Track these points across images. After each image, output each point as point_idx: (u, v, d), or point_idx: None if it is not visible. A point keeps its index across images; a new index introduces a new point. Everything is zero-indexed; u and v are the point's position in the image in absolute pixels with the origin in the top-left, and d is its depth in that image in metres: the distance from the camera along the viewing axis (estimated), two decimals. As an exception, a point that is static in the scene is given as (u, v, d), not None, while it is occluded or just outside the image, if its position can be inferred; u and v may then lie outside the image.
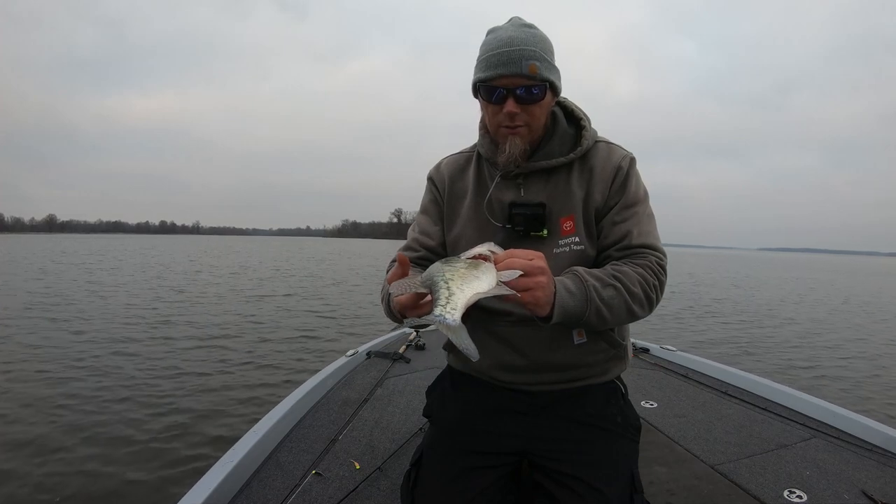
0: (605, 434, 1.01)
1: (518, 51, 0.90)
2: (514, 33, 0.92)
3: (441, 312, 0.67)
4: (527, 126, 0.96)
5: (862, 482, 1.47)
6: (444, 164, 1.15)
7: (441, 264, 0.74)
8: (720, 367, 2.55)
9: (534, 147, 1.01)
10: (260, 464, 1.52)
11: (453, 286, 0.70)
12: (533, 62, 0.90)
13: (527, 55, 0.90)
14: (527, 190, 1.01)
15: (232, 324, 7.58)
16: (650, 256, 0.94)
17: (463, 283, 0.70)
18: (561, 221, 0.99)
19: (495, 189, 1.03)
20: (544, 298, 0.77)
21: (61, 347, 5.71)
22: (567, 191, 0.99)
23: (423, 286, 0.73)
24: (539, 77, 0.91)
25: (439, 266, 0.74)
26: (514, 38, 0.92)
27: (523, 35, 0.92)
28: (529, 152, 1.00)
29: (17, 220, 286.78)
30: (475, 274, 0.72)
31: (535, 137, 0.99)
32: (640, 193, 1.01)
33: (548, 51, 0.94)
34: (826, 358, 6.46)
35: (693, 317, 9.70)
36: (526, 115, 0.95)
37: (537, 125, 0.97)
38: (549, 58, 0.94)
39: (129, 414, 3.67)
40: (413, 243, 1.12)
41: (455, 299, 0.68)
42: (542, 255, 0.78)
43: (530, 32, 0.93)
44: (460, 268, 0.73)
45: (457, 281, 0.70)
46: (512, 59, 0.90)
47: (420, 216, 1.16)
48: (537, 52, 0.91)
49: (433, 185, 1.15)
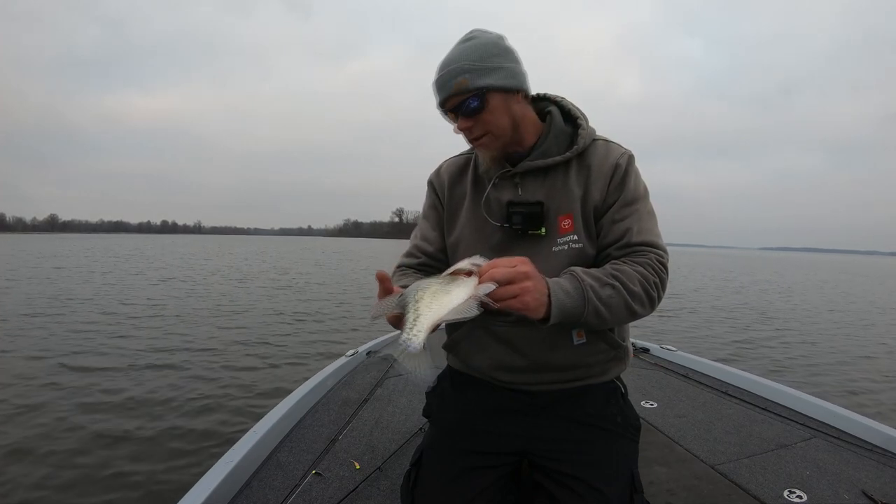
0: (605, 434, 1.01)
1: (448, 72, 0.93)
2: (450, 54, 0.94)
3: (406, 338, 0.67)
4: (488, 135, 0.97)
5: (862, 482, 1.47)
6: (445, 167, 1.16)
7: (416, 284, 0.74)
8: (720, 367, 2.55)
9: (526, 147, 1.01)
10: (260, 464, 1.52)
11: (421, 306, 0.69)
12: (461, 77, 0.92)
13: (455, 72, 0.92)
14: (524, 189, 1.01)
15: (232, 323, 7.58)
16: (650, 254, 0.93)
17: (432, 302, 0.70)
18: (559, 219, 0.99)
19: (493, 189, 1.03)
20: (534, 302, 0.77)
21: (61, 347, 5.72)
22: (565, 189, 0.99)
23: (398, 307, 0.73)
24: (470, 89, 0.92)
25: (413, 286, 0.74)
26: (448, 59, 0.94)
27: (456, 53, 0.94)
28: (527, 151, 1.01)
29: (18, 219, 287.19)
30: (447, 289, 0.72)
31: (506, 142, 0.99)
32: (640, 191, 1.00)
33: (483, 57, 0.93)
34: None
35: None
36: (480, 126, 0.96)
37: (499, 131, 0.97)
38: (484, 63, 0.92)
39: (129, 413, 3.67)
40: (414, 249, 1.14)
41: (421, 321, 0.68)
42: (525, 260, 0.79)
43: (466, 46, 0.94)
44: (433, 286, 0.72)
45: (426, 300, 0.70)
46: (445, 82, 0.93)
47: (421, 221, 1.18)
48: (465, 64, 0.92)
49: (433, 190, 1.16)
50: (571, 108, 1.05)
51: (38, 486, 2.64)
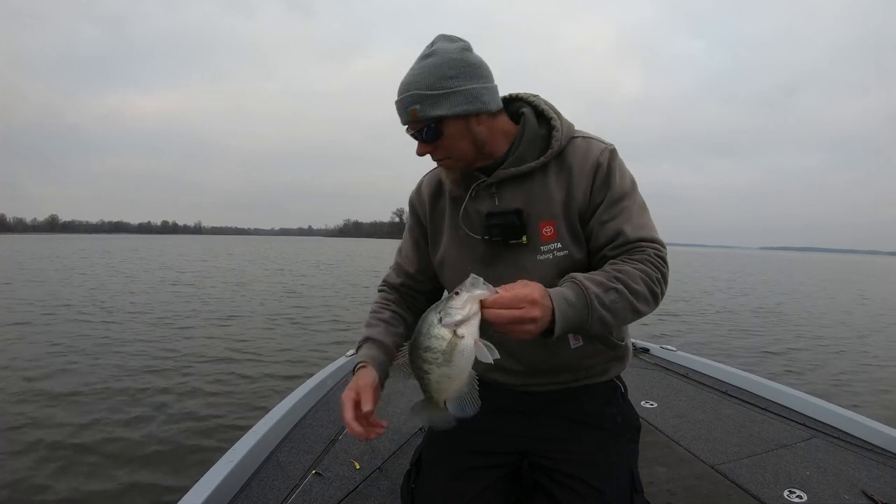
0: (604, 434, 1.01)
1: (402, 100, 0.91)
2: (407, 75, 0.91)
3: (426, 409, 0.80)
4: (449, 158, 0.95)
5: (862, 482, 1.47)
6: (425, 183, 1.13)
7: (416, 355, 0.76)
8: (720, 367, 2.55)
9: (500, 156, 0.97)
10: (260, 464, 1.52)
11: (432, 387, 0.77)
12: (412, 107, 0.89)
13: (407, 101, 0.90)
14: (501, 198, 0.97)
15: (232, 324, 7.59)
16: (648, 249, 0.90)
17: (440, 383, 0.76)
18: (541, 227, 0.95)
19: (471, 201, 1.00)
20: (538, 329, 0.76)
21: (59, 345, 5.72)
22: (545, 194, 0.96)
23: (406, 376, 0.80)
24: (422, 119, 0.90)
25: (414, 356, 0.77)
26: (404, 82, 0.91)
27: (411, 76, 0.90)
28: (502, 159, 0.97)
29: (19, 220, 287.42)
30: (449, 368, 0.75)
31: (469, 163, 0.96)
32: (626, 185, 0.95)
33: (437, 81, 0.88)
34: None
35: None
36: (441, 152, 0.94)
37: (460, 154, 0.94)
38: (438, 89, 0.88)
39: (129, 414, 3.67)
40: (396, 267, 1.17)
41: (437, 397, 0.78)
42: (527, 290, 0.75)
43: (422, 67, 0.90)
44: (438, 367, 0.75)
45: (432, 386, 0.77)
46: (402, 108, 0.92)
47: (405, 235, 1.18)
48: (417, 94, 0.89)
49: (413, 211, 1.14)
50: (545, 108, 1.00)
51: (36, 487, 2.65)
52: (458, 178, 0.99)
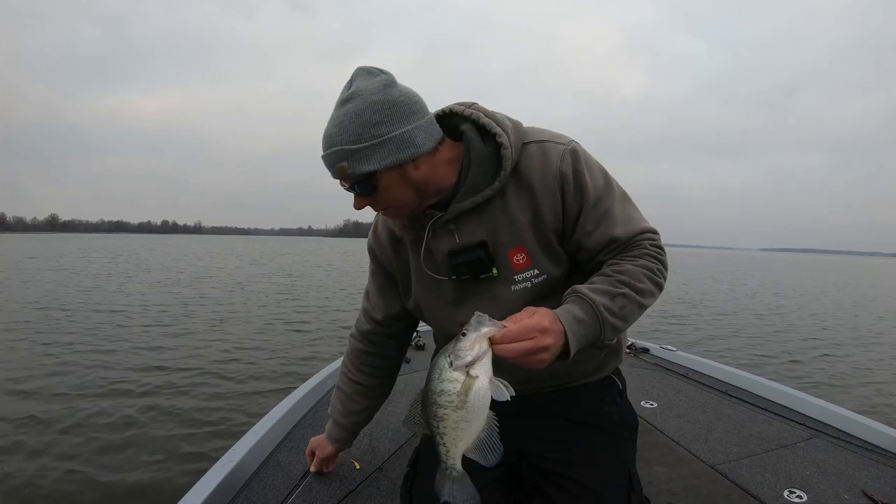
0: (601, 433, 1.01)
1: (327, 156, 0.83)
2: (328, 127, 0.83)
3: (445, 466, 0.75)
4: (389, 208, 0.89)
5: (862, 482, 1.47)
6: (381, 227, 1.05)
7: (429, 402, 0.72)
8: (720, 367, 2.55)
9: (449, 188, 0.89)
10: (260, 464, 1.52)
11: (448, 439, 0.73)
12: (340, 164, 0.82)
13: (333, 158, 0.82)
14: (461, 233, 0.90)
15: (232, 324, 7.59)
16: (643, 241, 0.88)
17: (455, 433, 0.72)
18: (510, 255, 0.89)
19: (431, 240, 0.93)
20: (552, 357, 0.74)
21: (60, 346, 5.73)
22: (508, 221, 0.89)
23: (412, 429, 0.79)
24: (352, 176, 0.82)
25: (427, 403, 0.73)
26: (326, 135, 0.83)
27: (332, 128, 0.82)
28: (453, 190, 0.88)
29: (19, 219, 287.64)
30: (465, 416, 0.70)
31: (414, 208, 0.89)
32: (600, 184, 0.89)
33: (362, 132, 0.80)
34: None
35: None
36: (379, 203, 0.88)
37: (400, 203, 0.87)
38: (363, 142, 0.80)
39: (129, 414, 3.67)
40: (364, 314, 1.18)
41: (453, 453, 0.73)
42: (535, 319, 0.72)
43: (342, 115, 0.81)
44: (453, 400, 0.70)
45: (449, 434, 0.72)
46: (329, 165, 0.84)
47: (369, 281, 1.17)
48: (340, 149, 0.81)
49: (374, 257, 1.10)
50: (485, 122, 0.88)
51: (36, 487, 2.64)
52: (407, 223, 0.93)
